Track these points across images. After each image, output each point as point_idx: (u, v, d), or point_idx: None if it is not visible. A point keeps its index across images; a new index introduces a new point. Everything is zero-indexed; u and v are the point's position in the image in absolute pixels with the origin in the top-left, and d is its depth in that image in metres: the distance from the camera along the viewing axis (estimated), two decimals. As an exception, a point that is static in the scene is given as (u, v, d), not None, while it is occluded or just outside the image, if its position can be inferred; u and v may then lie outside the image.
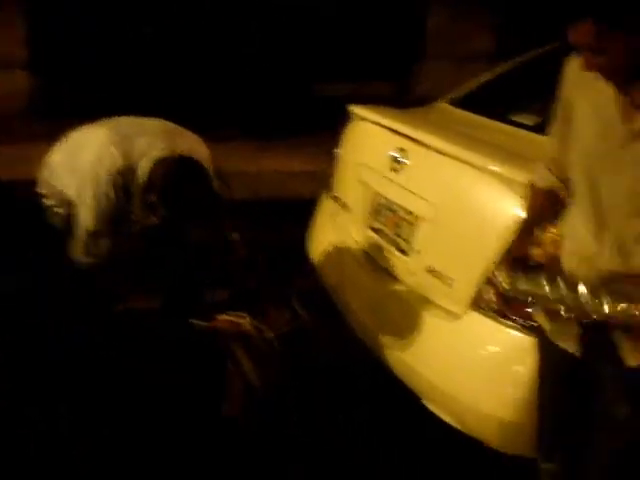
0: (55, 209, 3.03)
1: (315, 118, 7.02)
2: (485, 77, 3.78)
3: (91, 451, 2.78)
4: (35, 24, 7.73)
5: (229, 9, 8.00)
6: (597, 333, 1.93)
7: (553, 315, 2.00)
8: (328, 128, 3.85)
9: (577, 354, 2.02)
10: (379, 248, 3.10)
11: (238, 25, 8.07)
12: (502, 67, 3.82)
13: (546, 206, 2.18)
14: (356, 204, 3.35)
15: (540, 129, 2.63)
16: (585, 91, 1.95)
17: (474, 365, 2.49)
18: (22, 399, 2.93)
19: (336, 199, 3.60)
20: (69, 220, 2.98)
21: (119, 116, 3.12)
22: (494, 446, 2.50)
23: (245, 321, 3.04)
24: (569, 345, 2.02)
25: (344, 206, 3.49)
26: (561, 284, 1.92)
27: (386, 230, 3.07)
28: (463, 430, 2.58)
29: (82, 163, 2.90)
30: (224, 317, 3.02)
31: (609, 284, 1.85)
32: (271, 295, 3.28)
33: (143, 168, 2.83)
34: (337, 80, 8.20)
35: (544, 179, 2.16)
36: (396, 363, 2.84)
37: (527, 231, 2.22)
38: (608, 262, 1.88)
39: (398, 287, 2.94)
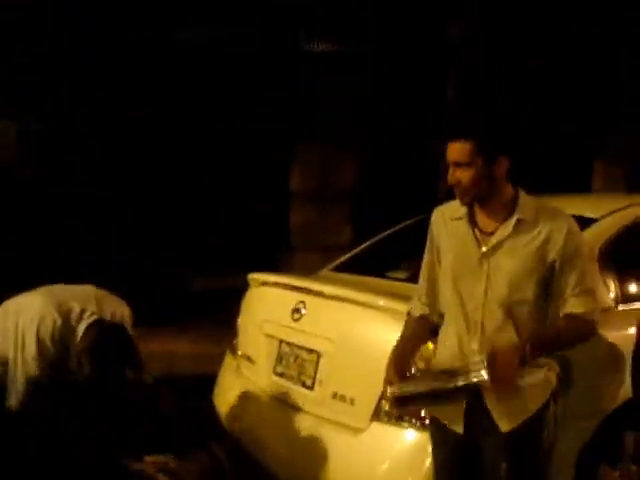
0: None
1: (191, 308, 7.63)
2: (358, 248, 4.51)
3: None
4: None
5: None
6: (474, 405, 2.48)
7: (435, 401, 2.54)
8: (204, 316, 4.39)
9: (461, 431, 2.55)
10: (285, 389, 3.59)
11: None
12: (371, 239, 4.58)
13: (420, 329, 2.77)
14: (260, 356, 3.85)
15: (411, 280, 3.30)
16: (447, 229, 2.65)
17: (382, 466, 2.98)
18: None
19: (240, 355, 4.09)
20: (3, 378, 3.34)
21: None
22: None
23: (170, 461, 3.41)
24: (456, 425, 2.57)
25: (248, 359, 3.98)
26: (439, 376, 2.49)
27: (290, 372, 3.58)
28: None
29: (22, 323, 3.31)
30: (151, 458, 3.38)
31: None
32: (190, 439, 3.66)
33: (79, 331, 3.29)
34: (209, 274, 8.78)
35: (417, 308, 2.78)
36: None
37: (404, 350, 2.72)
38: (477, 352, 2.49)
39: (306, 418, 3.41)
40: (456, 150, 2.45)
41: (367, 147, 9.43)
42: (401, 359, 2.64)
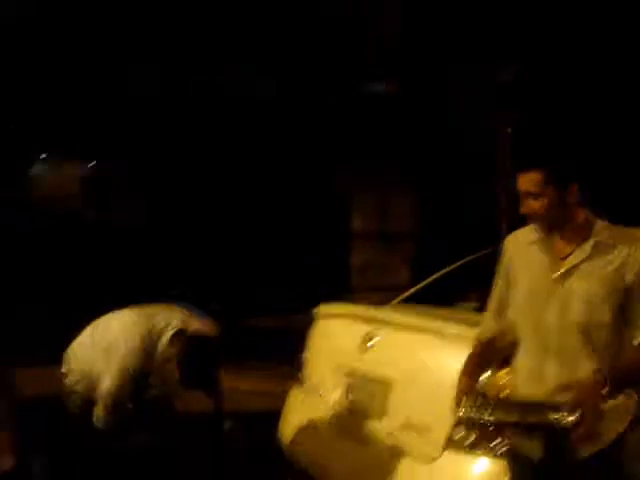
0: (75, 387, 3.46)
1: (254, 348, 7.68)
2: (426, 281, 4.51)
3: None
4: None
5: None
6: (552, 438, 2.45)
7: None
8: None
9: (539, 457, 2.51)
10: (353, 420, 3.58)
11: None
12: (438, 273, 4.57)
13: (488, 353, 2.77)
14: (328, 388, 3.85)
15: (480, 309, 3.28)
16: (521, 254, 2.65)
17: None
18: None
19: (307, 388, 4.09)
20: (86, 400, 3.42)
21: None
22: None
23: None
24: (534, 451, 2.53)
25: (316, 391, 3.98)
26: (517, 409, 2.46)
27: (359, 403, 3.57)
28: None
29: (109, 338, 3.41)
30: None
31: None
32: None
33: (163, 343, 3.36)
34: (260, 315, 8.86)
35: (487, 331, 2.77)
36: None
37: (473, 372, 2.72)
38: (556, 378, 2.46)
39: (375, 449, 3.39)
40: (527, 181, 2.47)
41: (427, 187, 9.44)
42: (470, 380, 2.65)
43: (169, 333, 3.41)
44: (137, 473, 3.47)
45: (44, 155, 9.46)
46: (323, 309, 4.09)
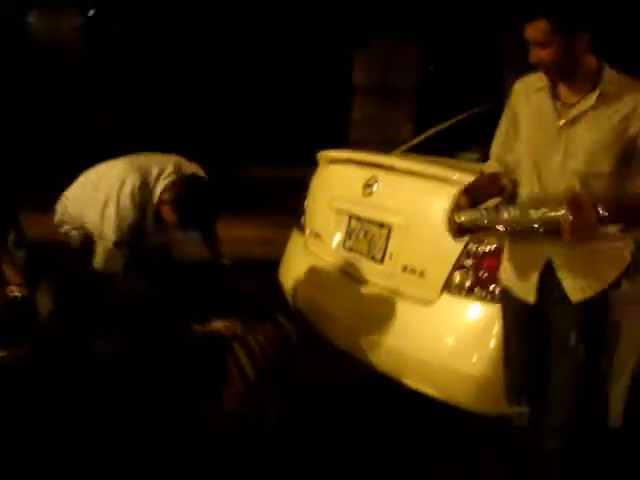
0: (71, 232, 3.49)
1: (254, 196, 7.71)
2: (428, 132, 4.47)
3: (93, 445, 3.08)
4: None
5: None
6: (547, 276, 2.51)
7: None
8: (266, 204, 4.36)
9: (532, 301, 2.58)
10: (353, 263, 3.64)
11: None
12: (440, 125, 4.52)
13: (487, 184, 2.75)
14: (328, 232, 3.89)
15: (483, 160, 3.25)
16: (528, 99, 2.62)
17: (451, 336, 3.04)
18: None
19: (308, 233, 4.13)
20: (84, 241, 3.45)
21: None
22: (470, 407, 3.00)
23: (237, 327, 3.50)
24: (527, 295, 2.59)
25: (316, 236, 4.02)
26: (503, 209, 2.46)
27: (360, 247, 3.61)
28: (441, 397, 3.08)
29: (102, 190, 3.40)
30: (219, 323, 3.48)
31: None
32: (257, 309, 3.76)
33: (157, 190, 3.35)
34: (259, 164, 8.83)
35: (490, 166, 2.78)
36: (380, 354, 3.32)
37: (472, 191, 2.65)
38: None
39: (374, 290, 3.46)
40: (534, 30, 2.40)
41: (431, 41, 9.22)
42: (469, 193, 2.61)
43: (164, 181, 3.40)
44: (134, 317, 3.52)
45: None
46: (325, 154, 4.08)
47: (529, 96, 2.62)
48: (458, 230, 2.53)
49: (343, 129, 9.40)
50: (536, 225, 2.39)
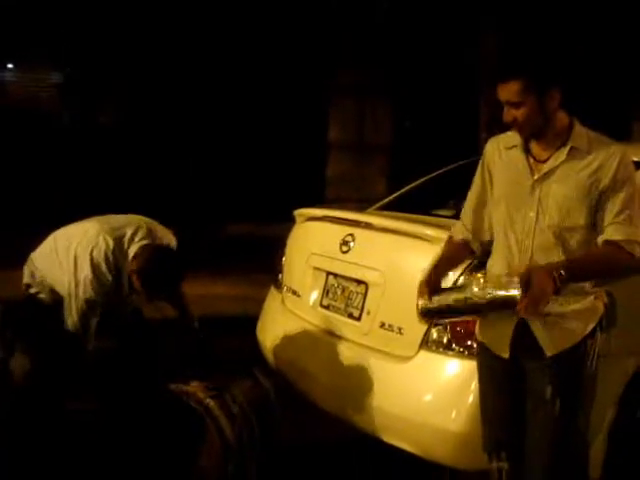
0: (39, 295, 3.48)
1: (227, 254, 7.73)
2: (404, 189, 4.54)
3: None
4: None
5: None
6: (521, 331, 2.54)
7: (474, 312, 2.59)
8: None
9: (507, 356, 2.60)
10: (331, 321, 3.65)
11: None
12: (416, 182, 4.60)
13: (456, 252, 2.83)
14: (306, 289, 3.90)
15: (457, 217, 3.31)
16: (500, 157, 2.69)
17: (430, 392, 3.05)
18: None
19: (285, 290, 4.14)
20: (53, 303, 3.44)
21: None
22: (450, 463, 3.00)
23: (215, 386, 3.49)
24: (502, 350, 2.61)
25: (294, 293, 4.03)
26: (474, 288, 2.50)
27: (337, 304, 3.63)
28: (421, 454, 3.07)
29: (75, 249, 3.39)
30: (195, 383, 3.47)
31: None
32: (235, 368, 3.75)
33: (131, 253, 3.37)
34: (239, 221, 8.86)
35: (459, 232, 2.82)
36: (359, 412, 3.31)
37: (439, 267, 2.75)
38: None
39: (352, 348, 3.47)
40: (507, 91, 2.48)
41: (405, 100, 9.39)
42: (435, 275, 2.68)
43: (138, 244, 3.41)
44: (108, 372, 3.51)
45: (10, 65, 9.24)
46: (302, 212, 4.11)
47: (502, 154, 2.69)
48: (423, 314, 2.60)
49: (319, 186, 9.48)
50: (492, 303, 2.45)
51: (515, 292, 2.38)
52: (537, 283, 2.36)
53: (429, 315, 2.65)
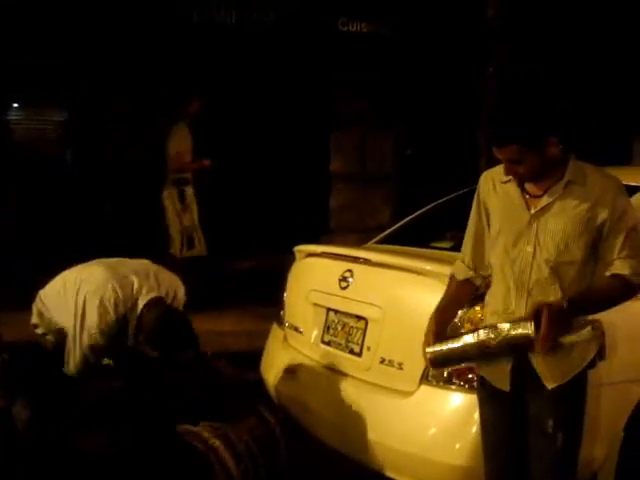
0: (45, 337, 3.50)
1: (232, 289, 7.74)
2: (402, 222, 4.56)
3: None
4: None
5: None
6: (521, 365, 2.53)
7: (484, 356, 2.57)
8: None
9: (507, 389, 2.59)
10: (332, 357, 3.66)
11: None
12: (414, 214, 4.62)
13: (460, 291, 2.81)
14: (307, 326, 3.92)
15: (456, 249, 3.33)
16: (496, 192, 2.68)
17: (432, 426, 3.05)
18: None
19: (287, 326, 4.16)
20: (58, 345, 3.46)
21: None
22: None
23: (222, 426, 3.50)
24: (502, 384, 2.61)
25: (296, 330, 4.05)
26: (481, 331, 2.51)
27: (338, 340, 3.64)
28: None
29: (84, 293, 3.41)
30: (204, 424, 3.48)
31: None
32: (240, 406, 3.76)
33: (139, 306, 3.38)
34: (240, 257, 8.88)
35: (461, 272, 2.81)
36: (362, 447, 3.31)
37: (445, 312, 2.76)
38: (522, 310, 2.52)
39: (353, 384, 3.47)
40: (506, 152, 2.48)
41: (407, 130, 9.44)
42: (441, 322, 2.69)
43: (144, 298, 3.42)
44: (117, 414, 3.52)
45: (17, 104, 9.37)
46: (302, 248, 4.13)
47: (497, 187, 2.68)
48: (432, 363, 2.60)
49: (323, 217, 9.50)
50: (504, 344, 2.43)
51: (527, 330, 2.38)
52: (549, 318, 2.36)
53: (439, 365, 2.64)
